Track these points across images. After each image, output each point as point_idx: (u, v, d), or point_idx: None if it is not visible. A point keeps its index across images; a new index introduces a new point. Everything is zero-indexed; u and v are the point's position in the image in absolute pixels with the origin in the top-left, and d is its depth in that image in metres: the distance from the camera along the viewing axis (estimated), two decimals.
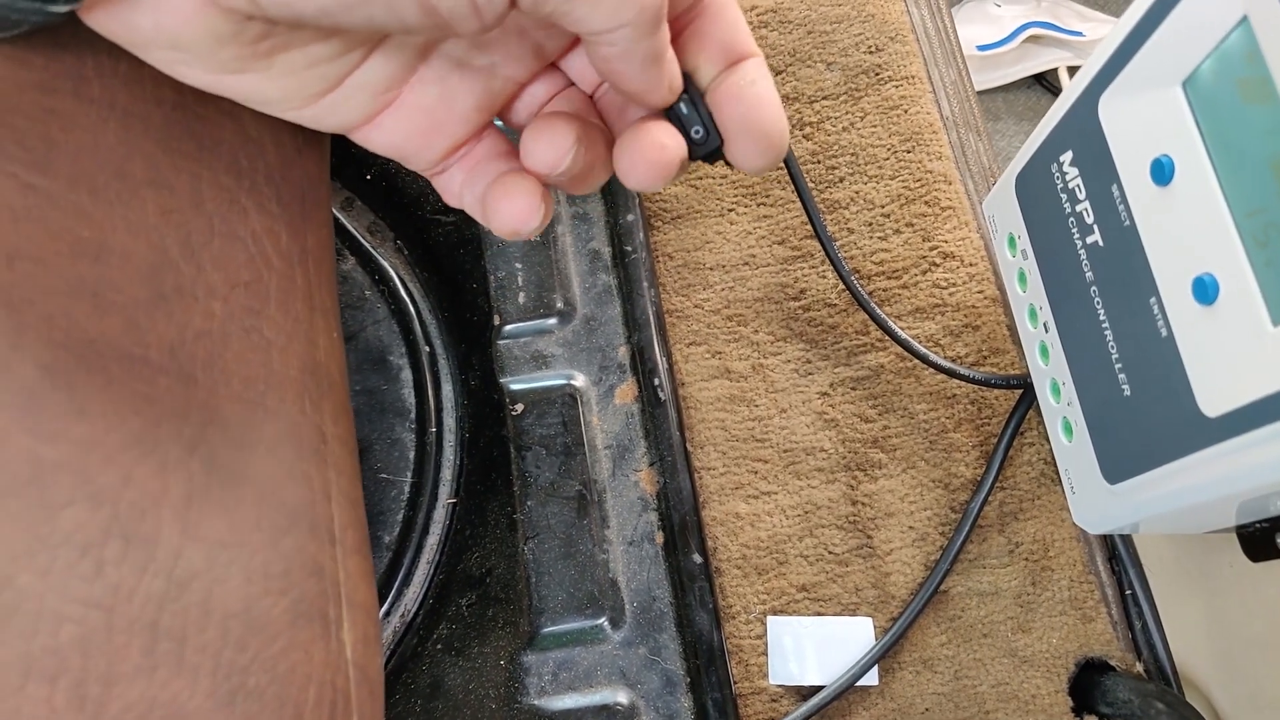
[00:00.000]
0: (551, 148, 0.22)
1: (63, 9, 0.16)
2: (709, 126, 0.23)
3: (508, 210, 0.23)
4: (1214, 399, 0.23)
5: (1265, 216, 0.21)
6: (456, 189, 0.25)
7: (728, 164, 0.24)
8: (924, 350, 0.36)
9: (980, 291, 0.38)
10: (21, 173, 0.18)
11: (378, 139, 0.23)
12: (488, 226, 0.23)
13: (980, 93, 1.12)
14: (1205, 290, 0.22)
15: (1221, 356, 0.22)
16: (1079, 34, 1.04)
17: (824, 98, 0.41)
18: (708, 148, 0.24)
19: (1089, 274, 0.27)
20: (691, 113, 0.23)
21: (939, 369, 0.36)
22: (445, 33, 0.19)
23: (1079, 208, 0.27)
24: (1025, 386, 0.35)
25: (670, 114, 0.23)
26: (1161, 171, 0.23)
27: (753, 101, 0.23)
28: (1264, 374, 0.21)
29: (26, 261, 0.18)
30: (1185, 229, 0.23)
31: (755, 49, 0.24)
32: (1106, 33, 0.25)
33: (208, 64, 0.20)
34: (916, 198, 0.39)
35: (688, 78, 0.23)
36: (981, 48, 1.04)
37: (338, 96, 0.22)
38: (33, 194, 0.18)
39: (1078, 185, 0.27)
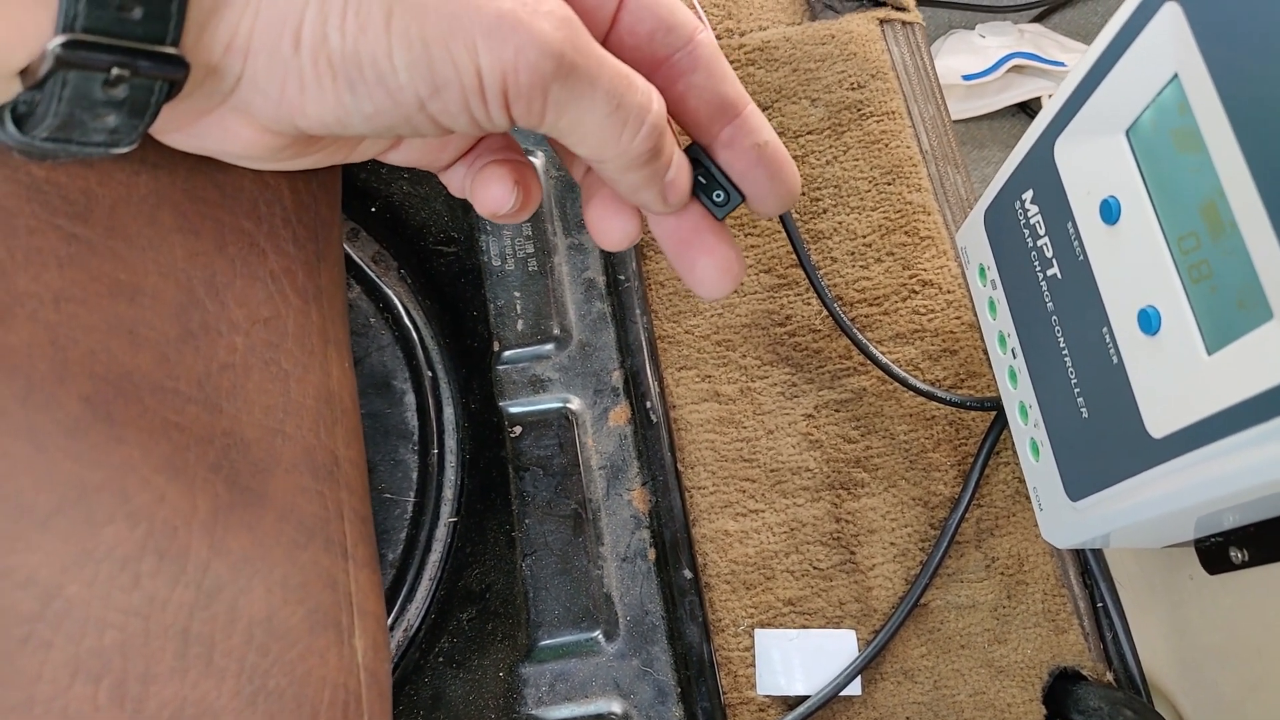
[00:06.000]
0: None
1: (125, 149, 0.18)
2: (729, 188, 0.24)
3: (485, 196, 0.25)
4: (1159, 422, 0.24)
5: (1198, 255, 0.23)
6: (459, 183, 0.27)
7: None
8: (904, 374, 0.37)
9: (958, 318, 0.40)
10: (65, 224, 0.20)
11: (396, 157, 0.26)
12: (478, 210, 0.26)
13: (966, 121, 1.14)
14: (1149, 321, 0.24)
15: (1164, 383, 0.24)
16: (1061, 64, 1.07)
17: (808, 132, 0.43)
18: (730, 207, 0.24)
19: (1050, 304, 0.29)
20: (710, 180, 0.24)
21: (918, 392, 0.37)
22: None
23: (1039, 242, 0.29)
24: (999, 408, 0.37)
25: (694, 190, 0.24)
26: (1110, 212, 0.25)
27: (772, 163, 0.24)
28: (1200, 399, 0.23)
29: (71, 303, 0.20)
30: (1131, 265, 0.25)
31: (747, 96, 0.25)
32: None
33: (262, 164, 0.23)
34: (897, 228, 0.41)
35: (699, 148, 0.24)
36: (967, 77, 1.07)
37: (367, 142, 0.24)
38: (75, 242, 0.20)
39: (1038, 221, 0.29)
